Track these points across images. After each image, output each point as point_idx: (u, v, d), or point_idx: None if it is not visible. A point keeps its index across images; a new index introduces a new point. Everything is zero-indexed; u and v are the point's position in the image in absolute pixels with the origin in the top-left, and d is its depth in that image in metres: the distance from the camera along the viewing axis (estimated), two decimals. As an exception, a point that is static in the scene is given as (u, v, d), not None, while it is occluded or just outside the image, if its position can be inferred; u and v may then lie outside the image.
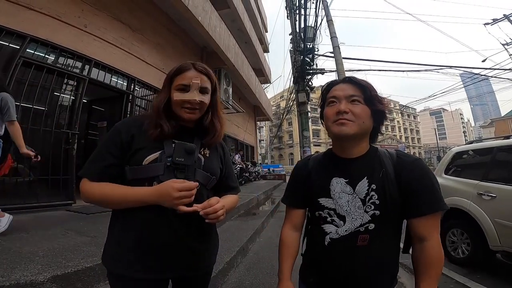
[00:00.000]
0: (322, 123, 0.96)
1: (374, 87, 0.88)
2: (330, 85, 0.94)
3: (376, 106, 0.86)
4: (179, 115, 0.91)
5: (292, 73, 9.73)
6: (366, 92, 0.85)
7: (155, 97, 0.98)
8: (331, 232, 0.88)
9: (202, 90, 0.92)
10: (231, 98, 9.51)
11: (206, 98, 0.94)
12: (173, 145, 0.89)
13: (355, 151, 0.90)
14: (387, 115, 0.92)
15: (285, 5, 10.55)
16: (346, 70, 7.09)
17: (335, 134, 0.87)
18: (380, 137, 0.98)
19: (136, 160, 0.86)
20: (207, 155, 0.97)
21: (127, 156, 0.88)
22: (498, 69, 11.76)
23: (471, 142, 4.05)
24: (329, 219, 0.89)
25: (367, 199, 0.84)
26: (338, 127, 0.85)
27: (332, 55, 7.20)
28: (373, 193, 0.84)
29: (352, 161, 0.89)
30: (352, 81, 0.89)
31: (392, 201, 0.83)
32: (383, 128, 0.97)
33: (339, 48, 6.76)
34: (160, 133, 0.88)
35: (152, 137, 0.88)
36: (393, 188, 0.84)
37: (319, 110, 0.97)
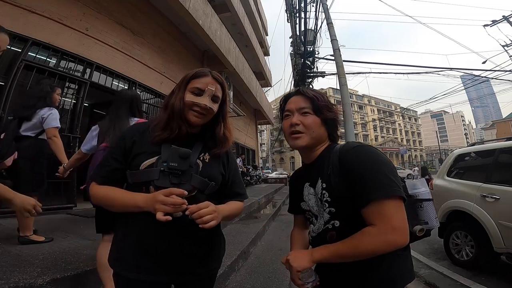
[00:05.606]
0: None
1: (323, 97, 0.94)
2: (287, 98, 0.99)
3: (325, 115, 0.91)
4: (186, 117, 0.92)
5: (293, 76, 9.77)
6: (314, 103, 0.90)
7: (168, 96, 0.97)
8: (309, 231, 0.97)
9: (214, 98, 0.94)
10: (232, 102, 9.54)
11: (215, 107, 0.95)
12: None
13: (313, 155, 0.95)
14: (340, 122, 0.98)
15: (285, 9, 10.63)
16: (346, 73, 7.08)
17: (291, 146, 0.94)
18: (381, 140, 0.97)
19: (135, 165, 0.89)
20: (207, 160, 0.95)
21: (128, 161, 0.91)
22: (498, 70, 11.74)
23: (473, 144, 4.04)
24: (311, 219, 0.96)
25: (321, 198, 0.87)
26: (292, 141, 0.92)
27: (333, 58, 7.21)
28: (324, 191, 0.86)
29: (311, 165, 0.96)
30: (302, 93, 0.94)
31: (341, 195, 0.81)
32: (380, 132, 0.96)
33: (340, 51, 6.75)
34: (169, 134, 0.90)
35: (157, 139, 0.90)
36: (339, 182, 0.81)
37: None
